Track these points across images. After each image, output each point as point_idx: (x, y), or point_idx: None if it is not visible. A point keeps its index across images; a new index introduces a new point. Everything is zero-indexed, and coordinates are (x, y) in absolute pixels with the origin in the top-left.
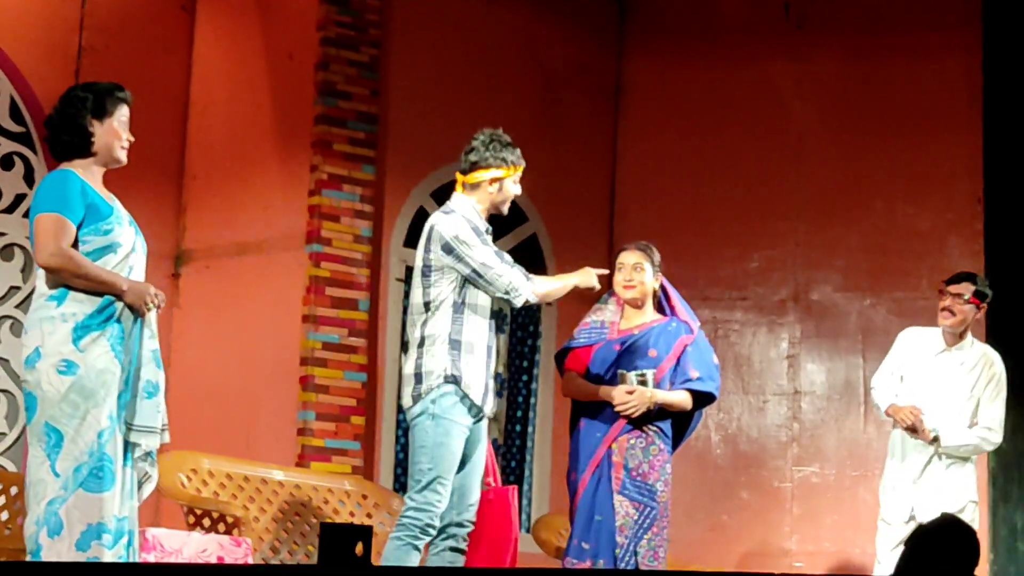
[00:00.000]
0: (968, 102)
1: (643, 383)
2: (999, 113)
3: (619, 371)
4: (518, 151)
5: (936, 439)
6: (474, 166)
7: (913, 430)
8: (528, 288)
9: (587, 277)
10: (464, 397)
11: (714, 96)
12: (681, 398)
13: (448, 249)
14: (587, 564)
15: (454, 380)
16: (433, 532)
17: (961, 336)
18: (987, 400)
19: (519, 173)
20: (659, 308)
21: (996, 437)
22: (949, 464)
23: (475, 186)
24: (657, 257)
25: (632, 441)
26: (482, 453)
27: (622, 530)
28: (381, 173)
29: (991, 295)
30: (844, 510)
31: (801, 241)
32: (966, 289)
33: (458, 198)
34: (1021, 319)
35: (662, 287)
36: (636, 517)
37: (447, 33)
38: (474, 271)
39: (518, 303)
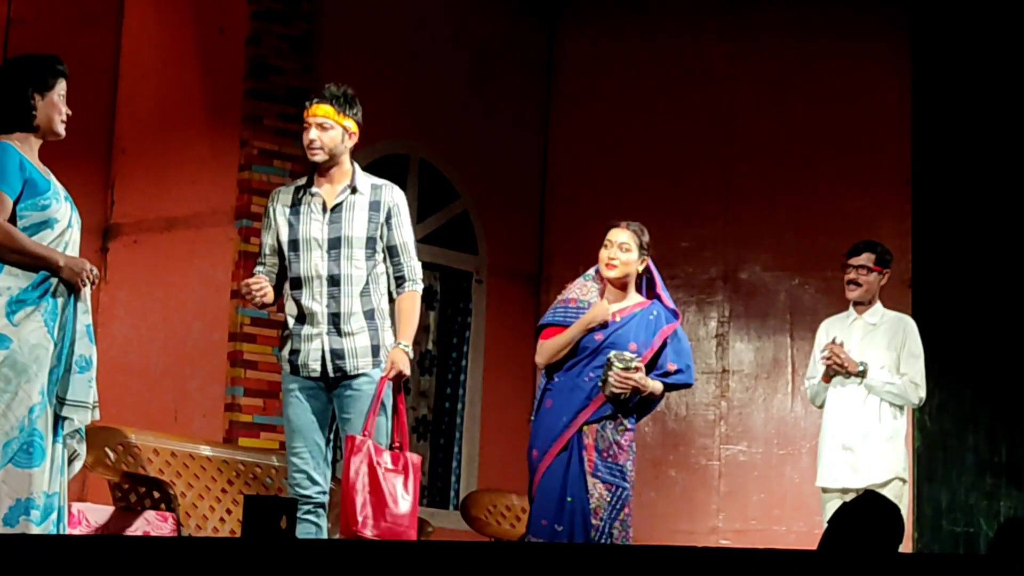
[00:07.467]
0: (898, 83)
1: (636, 369)
2: (928, 94)
3: (613, 352)
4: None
5: (863, 372)
6: None
7: (841, 367)
8: None
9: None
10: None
11: (647, 73)
12: (658, 388)
13: None
14: None
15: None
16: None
17: (870, 303)
18: (906, 358)
19: (310, 115)
20: (638, 288)
21: (922, 392)
22: (877, 438)
23: None
24: (647, 239)
25: (603, 423)
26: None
27: (597, 512)
28: None
29: (892, 258)
30: (771, 488)
31: (731, 220)
32: (867, 259)
33: None
34: (947, 299)
35: (647, 270)
36: (609, 499)
37: (379, 8)
38: None
39: None
